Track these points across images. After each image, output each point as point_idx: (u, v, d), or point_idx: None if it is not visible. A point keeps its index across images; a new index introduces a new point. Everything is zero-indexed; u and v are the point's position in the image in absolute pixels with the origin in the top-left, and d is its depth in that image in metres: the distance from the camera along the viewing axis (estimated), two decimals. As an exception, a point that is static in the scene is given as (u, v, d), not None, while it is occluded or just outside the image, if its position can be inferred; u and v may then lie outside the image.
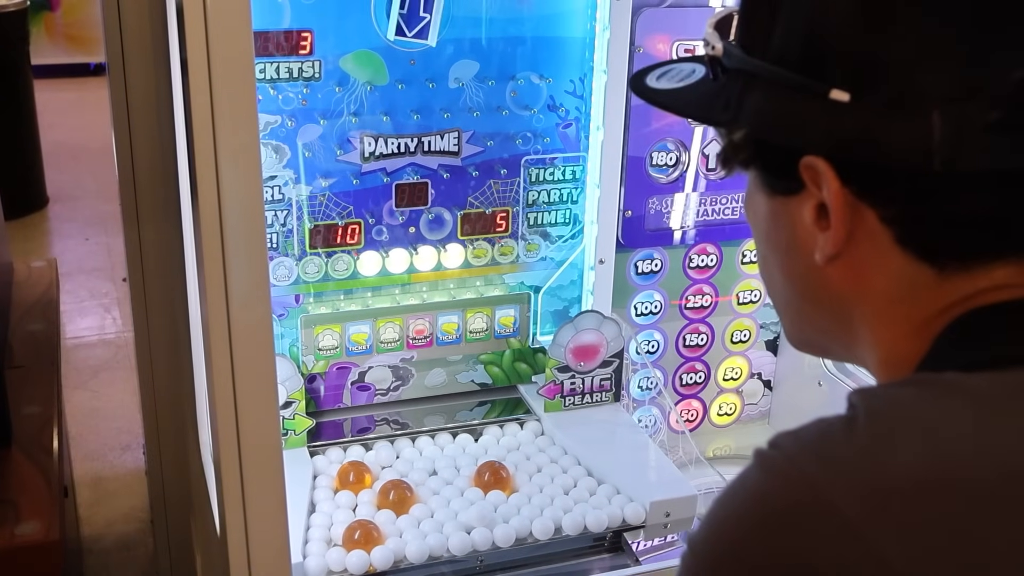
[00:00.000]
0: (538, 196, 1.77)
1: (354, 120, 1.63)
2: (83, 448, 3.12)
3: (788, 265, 0.75)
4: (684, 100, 0.76)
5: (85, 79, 6.88)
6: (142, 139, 1.73)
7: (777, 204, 0.73)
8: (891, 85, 0.63)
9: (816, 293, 0.74)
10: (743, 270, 1.97)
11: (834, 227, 0.68)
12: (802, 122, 0.66)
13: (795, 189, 0.70)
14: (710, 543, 0.64)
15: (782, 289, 0.78)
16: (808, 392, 1.98)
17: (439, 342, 1.77)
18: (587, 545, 1.57)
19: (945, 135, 0.62)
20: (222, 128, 1.15)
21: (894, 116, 0.63)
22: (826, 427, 0.64)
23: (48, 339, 2.33)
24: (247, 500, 1.23)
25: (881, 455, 0.60)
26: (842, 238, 0.68)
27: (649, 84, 0.79)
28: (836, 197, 0.67)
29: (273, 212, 1.63)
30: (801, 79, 0.66)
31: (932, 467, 0.59)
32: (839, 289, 0.72)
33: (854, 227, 0.68)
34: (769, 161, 0.72)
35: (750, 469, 0.64)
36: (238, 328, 1.19)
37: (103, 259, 4.49)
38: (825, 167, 0.67)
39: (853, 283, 0.71)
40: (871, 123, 0.64)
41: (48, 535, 1.67)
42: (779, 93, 0.68)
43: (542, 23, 1.68)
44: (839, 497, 0.59)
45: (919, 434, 0.61)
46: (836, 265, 0.70)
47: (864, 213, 0.67)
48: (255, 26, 1.51)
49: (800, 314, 0.78)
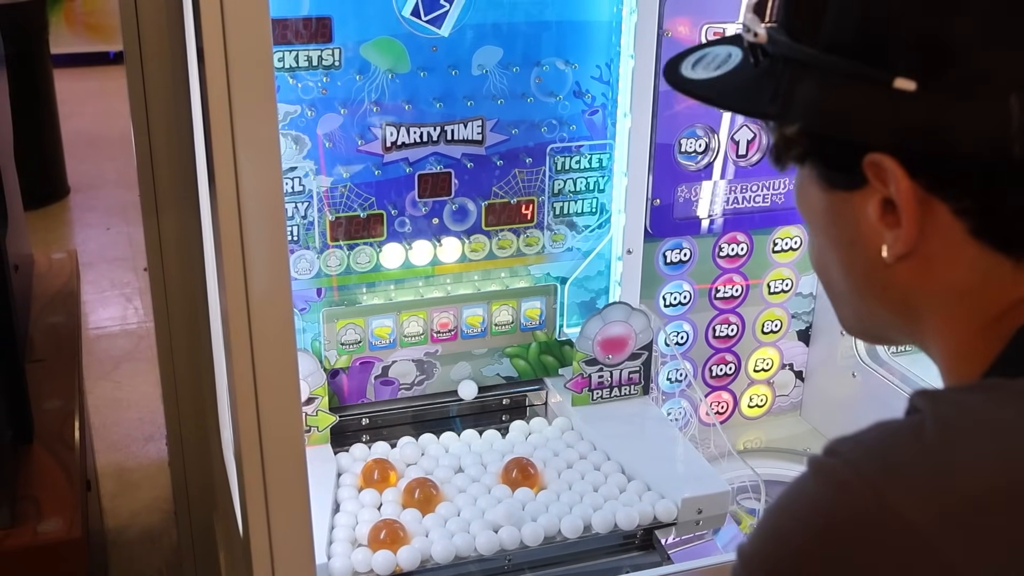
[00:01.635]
0: (564, 185, 1.73)
1: (375, 109, 1.59)
2: (106, 439, 3.11)
3: (850, 260, 0.71)
4: (725, 90, 0.71)
5: (105, 68, 6.87)
6: (160, 128, 1.71)
7: (836, 199, 0.69)
8: (961, 70, 0.59)
9: (881, 289, 0.70)
10: (774, 259, 1.92)
11: (905, 226, 0.64)
12: (865, 115, 0.62)
13: (857, 184, 0.66)
14: (767, 556, 0.61)
15: (842, 284, 0.74)
16: (841, 383, 1.94)
17: (464, 335, 1.74)
18: (617, 543, 1.53)
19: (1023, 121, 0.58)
20: (240, 119, 1.11)
21: (967, 103, 0.59)
22: (889, 432, 0.61)
23: (69, 331, 2.31)
24: (270, 500, 1.20)
25: (950, 463, 0.58)
26: (914, 236, 0.65)
27: (684, 74, 0.74)
28: (907, 195, 0.63)
29: (293, 204, 1.60)
30: (861, 67, 0.62)
31: (1003, 476, 0.57)
32: (907, 284, 0.68)
33: (925, 222, 0.64)
34: (827, 156, 0.68)
35: (806, 478, 0.61)
36: (258, 324, 1.16)
37: (124, 248, 4.49)
38: (893, 164, 0.63)
39: (922, 278, 0.67)
40: (942, 113, 0.59)
41: (71, 532, 1.65)
42: (835, 83, 0.63)
43: (567, 7, 1.64)
44: (907, 506, 0.56)
45: (989, 442, 0.58)
46: (905, 261, 0.67)
47: (935, 207, 0.63)
48: (273, 13, 1.48)
49: (861, 308, 0.75)
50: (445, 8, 1.56)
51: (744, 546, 0.63)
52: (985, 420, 0.60)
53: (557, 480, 1.58)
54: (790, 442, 1.99)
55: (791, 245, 1.91)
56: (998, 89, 0.58)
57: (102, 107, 6.08)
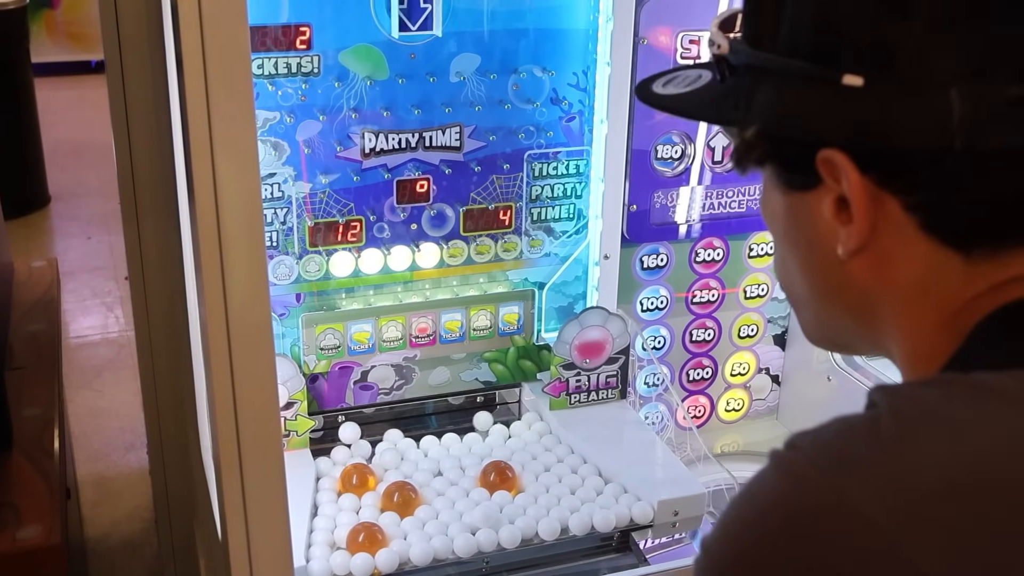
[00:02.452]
0: (541, 191, 1.75)
1: (354, 116, 1.60)
2: (87, 448, 3.10)
3: (809, 262, 0.73)
4: (692, 103, 0.74)
5: (86, 77, 6.85)
6: (141, 137, 1.72)
7: (794, 200, 0.71)
8: (905, 66, 0.61)
9: (839, 289, 0.72)
10: (750, 264, 1.94)
11: (857, 220, 0.66)
12: (816, 112, 0.64)
13: (812, 184, 0.68)
14: (727, 548, 0.62)
15: (802, 288, 0.76)
16: (817, 387, 1.96)
17: (442, 340, 1.75)
18: (594, 545, 1.55)
19: (965, 112, 0.59)
20: (218, 125, 1.12)
21: (910, 97, 0.61)
22: (847, 427, 0.62)
23: (49, 339, 2.31)
24: (248, 504, 1.21)
25: (907, 456, 0.58)
26: (866, 231, 0.66)
27: (655, 91, 0.77)
28: (857, 189, 0.65)
29: (273, 210, 1.61)
30: (812, 67, 0.64)
31: (960, 468, 0.58)
32: (863, 283, 0.69)
33: (877, 218, 0.66)
34: (784, 156, 0.70)
35: (767, 471, 0.62)
36: (237, 330, 1.16)
37: (106, 257, 4.47)
38: (843, 159, 0.64)
39: (878, 276, 0.68)
40: (887, 107, 0.61)
41: (50, 539, 1.65)
42: (790, 85, 0.66)
43: (544, 15, 1.66)
44: (864, 500, 0.57)
45: (946, 435, 0.59)
46: (859, 258, 0.68)
47: (886, 202, 0.65)
48: (252, 20, 1.49)
49: (821, 312, 0.76)
50: (428, 9, 1.57)
51: (707, 538, 0.64)
52: (940, 414, 0.61)
53: (535, 483, 1.59)
54: (767, 445, 1.97)
55: (767, 250, 1.94)
56: (940, 84, 0.60)
57: (83, 116, 6.06)
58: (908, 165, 0.63)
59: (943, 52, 0.60)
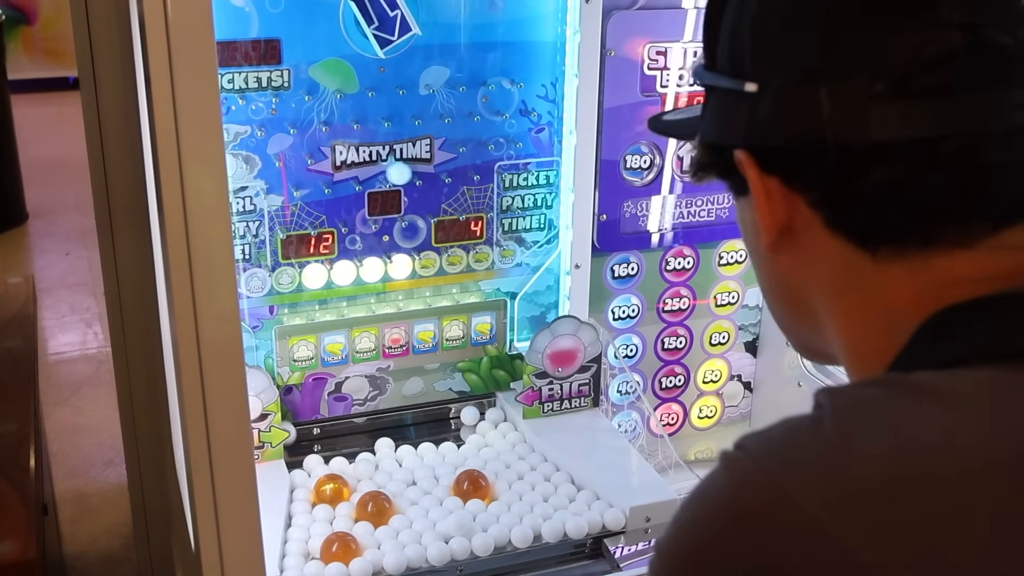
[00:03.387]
0: (512, 202, 1.76)
1: (325, 129, 1.62)
2: (65, 464, 3.09)
3: (755, 263, 0.79)
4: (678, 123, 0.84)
5: (64, 93, 6.85)
6: (115, 153, 1.72)
7: (741, 204, 0.76)
8: (784, 69, 0.67)
9: (780, 289, 0.77)
10: (720, 272, 1.96)
11: (760, 214, 0.71)
12: (729, 119, 0.71)
13: (744, 188, 0.72)
14: (678, 547, 0.64)
15: (766, 295, 0.81)
16: (788, 393, 1.98)
17: (415, 351, 1.76)
18: (568, 552, 1.56)
19: (832, 108, 0.65)
20: (187, 140, 1.13)
21: (790, 98, 0.67)
22: (792, 427, 0.64)
23: (25, 356, 2.31)
24: (220, 515, 1.22)
25: (847, 454, 0.60)
26: (770, 225, 0.71)
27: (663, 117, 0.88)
28: (755, 184, 0.70)
29: (245, 223, 1.62)
30: (730, 81, 0.71)
31: (898, 465, 0.59)
32: (794, 282, 0.74)
33: (792, 217, 0.70)
34: (719, 164, 0.75)
35: (716, 471, 0.64)
36: (207, 344, 1.17)
37: (84, 274, 4.47)
38: (744, 157, 0.70)
39: (803, 275, 0.73)
40: (773, 107, 0.67)
41: (25, 554, 1.65)
42: (719, 100, 0.73)
43: (512, 28, 1.68)
44: (805, 497, 0.58)
45: (885, 432, 0.61)
46: (785, 257, 0.73)
47: (796, 202, 0.69)
48: (223, 35, 1.51)
49: (777, 313, 0.81)
50: (397, 14, 1.59)
51: (660, 538, 0.66)
52: (881, 412, 0.62)
53: (508, 491, 1.61)
54: (741, 452, 2.02)
55: (737, 258, 1.96)
56: (812, 84, 0.66)
57: (61, 132, 6.06)
58: (798, 162, 0.68)
59: (811, 56, 0.66)
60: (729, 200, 1.90)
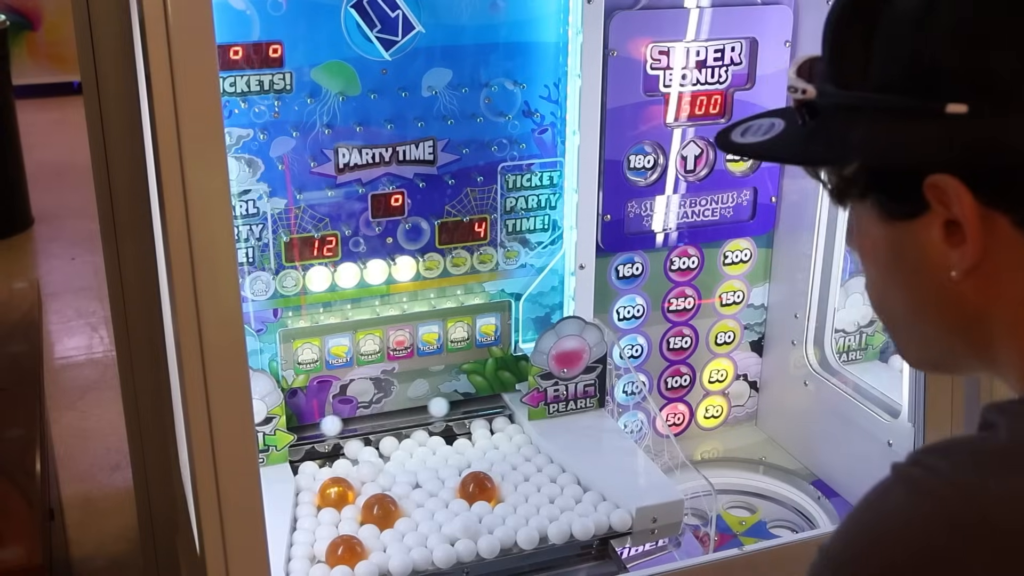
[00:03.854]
0: (516, 203, 1.76)
1: (327, 131, 1.62)
2: (72, 469, 3.09)
3: (915, 288, 0.75)
4: (779, 147, 0.77)
5: (69, 98, 6.84)
6: (118, 157, 1.72)
7: (899, 230, 0.73)
8: (1006, 90, 0.65)
9: (949, 311, 0.74)
10: (725, 271, 1.96)
11: (971, 240, 0.68)
12: (922, 142, 0.67)
13: (919, 211, 0.70)
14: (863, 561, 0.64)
15: (907, 314, 0.78)
16: (795, 392, 1.97)
17: (420, 352, 1.76)
18: (574, 553, 1.55)
19: None
20: (188, 144, 1.13)
21: (1016, 119, 0.64)
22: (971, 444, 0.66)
23: (30, 361, 2.31)
24: (224, 519, 1.22)
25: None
26: (980, 251, 0.68)
27: (736, 140, 0.81)
28: (971, 211, 0.67)
29: (248, 226, 1.62)
30: (912, 101, 0.67)
31: None
32: (975, 302, 0.71)
33: (987, 237, 0.68)
34: (888, 187, 0.72)
35: (897, 489, 0.65)
36: (211, 348, 1.17)
37: (90, 278, 4.47)
38: (953, 183, 0.67)
39: (990, 294, 0.71)
40: (995, 130, 0.65)
41: (31, 559, 1.65)
42: (888, 120, 0.68)
43: (514, 29, 1.67)
44: (997, 512, 0.60)
45: None
46: (971, 278, 0.70)
47: (996, 220, 0.67)
48: (225, 39, 1.51)
49: (928, 336, 0.78)
50: (398, 14, 1.58)
51: (829, 547, 0.66)
52: None
53: (514, 493, 1.60)
54: (747, 451, 2.02)
55: (741, 258, 1.95)
56: None
57: (66, 137, 6.05)
58: (1017, 181, 0.66)
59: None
60: (734, 198, 1.89)
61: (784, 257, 1.95)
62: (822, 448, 1.92)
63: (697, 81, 1.79)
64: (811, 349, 1.94)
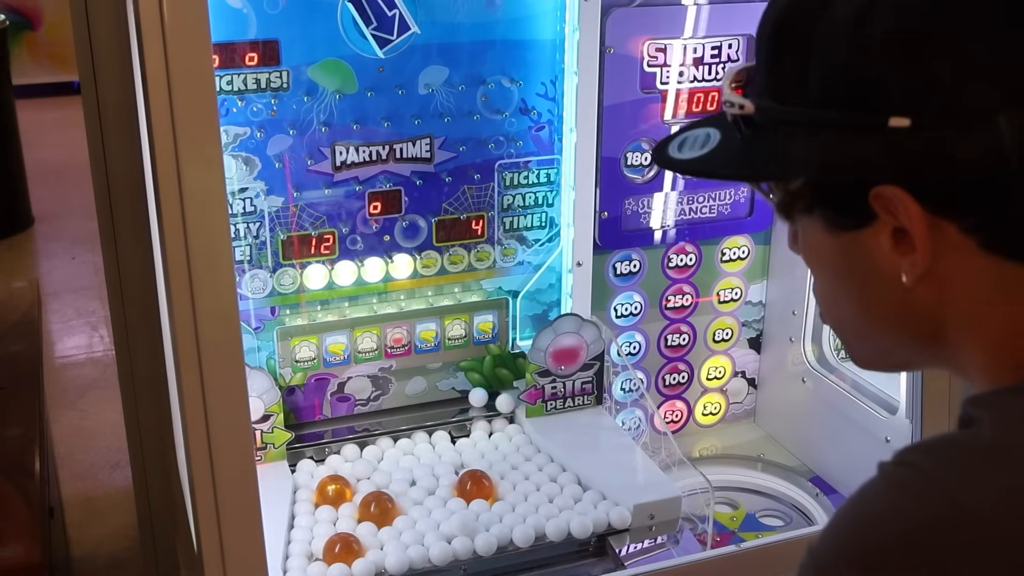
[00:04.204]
0: (513, 200, 1.76)
1: (324, 130, 1.62)
2: (72, 468, 3.10)
3: (867, 295, 0.75)
4: (719, 163, 0.76)
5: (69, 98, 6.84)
6: (116, 157, 1.73)
7: (846, 240, 0.73)
8: (948, 102, 0.65)
9: (903, 316, 0.74)
10: (723, 268, 1.96)
11: (920, 248, 0.68)
12: (867, 156, 0.66)
13: (866, 222, 0.70)
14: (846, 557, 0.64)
15: (859, 321, 0.78)
16: (793, 389, 1.97)
17: (418, 350, 1.76)
18: (572, 551, 1.55)
19: (1014, 136, 0.63)
20: (184, 143, 1.14)
21: (959, 130, 0.64)
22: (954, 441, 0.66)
23: (31, 359, 2.31)
24: (221, 517, 1.22)
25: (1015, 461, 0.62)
26: (928, 258, 0.69)
27: (673, 156, 0.80)
28: (918, 219, 0.67)
29: (245, 224, 1.62)
30: (853, 115, 0.67)
31: None
32: (929, 306, 0.72)
33: (936, 244, 0.68)
34: (834, 200, 0.72)
35: (882, 486, 0.66)
36: (207, 345, 1.18)
37: (90, 278, 4.48)
38: (900, 193, 0.67)
39: (942, 297, 0.71)
40: (938, 141, 0.64)
41: (30, 558, 1.65)
42: (830, 134, 0.68)
43: (511, 26, 1.67)
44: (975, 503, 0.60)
45: None
46: (922, 284, 0.71)
47: (944, 228, 0.68)
48: (222, 37, 1.51)
49: (884, 341, 0.78)
50: (395, 13, 1.58)
51: (816, 546, 0.66)
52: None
53: (511, 490, 1.60)
54: (745, 448, 2.02)
55: (739, 255, 1.95)
56: (986, 112, 0.64)
57: (67, 137, 6.05)
58: (963, 191, 0.66)
59: (982, 85, 0.64)
60: (731, 195, 1.89)
61: (782, 254, 1.95)
62: (820, 445, 1.92)
63: (694, 78, 1.79)
64: (809, 346, 1.94)
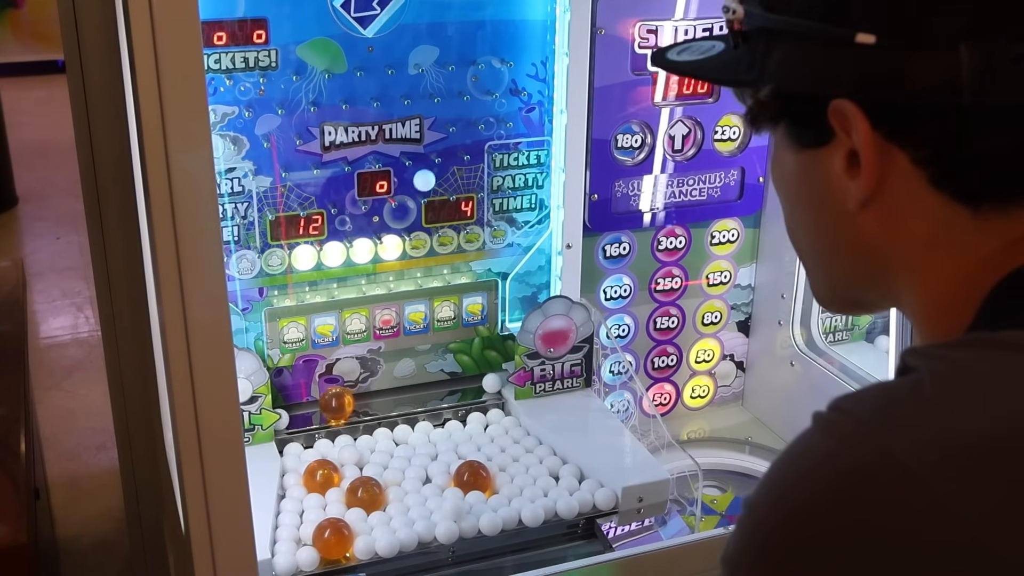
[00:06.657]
0: (503, 182, 1.75)
1: (313, 109, 1.60)
2: (58, 449, 3.09)
3: (820, 219, 0.76)
4: (708, 67, 0.79)
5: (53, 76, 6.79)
6: (102, 136, 1.71)
7: (806, 158, 0.74)
8: (915, 25, 0.64)
9: (850, 245, 0.74)
10: (712, 251, 1.96)
11: (865, 169, 0.68)
12: (828, 68, 0.67)
13: (824, 140, 0.70)
14: (774, 507, 0.64)
15: (813, 246, 0.79)
16: (781, 372, 1.98)
17: (406, 332, 1.76)
18: (560, 532, 1.56)
19: (973, 68, 0.63)
20: (172, 122, 1.12)
21: (921, 53, 0.64)
22: (890, 389, 0.65)
23: (15, 340, 2.30)
24: (209, 498, 1.21)
25: (950, 414, 0.61)
26: (874, 181, 0.69)
27: (671, 58, 0.81)
28: (866, 138, 0.67)
29: (233, 204, 1.61)
30: (826, 27, 0.67)
31: (1000, 426, 0.60)
32: (874, 237, 0.72)
33: (886, 172, 0.68)
34: (797, 113, 0.73)
35: (811, 433, 0.65)
36: (195, 326, 1.17)
37: (75, 258, 4.45)
38: (854, 110, 0.67)
39: (887, 229, 0.71)
40: (898, 62, 0.65)
41: (16, 538, 1.65)
42: (804, 44, 0.69)
43: (502, 6, 1.66)
44: (910, 456, 0.59)
45: (985, 394, 0.61)
46: (870, 212, 0.71)
47: (895, 156, 0.68)
48: (209, 15, 1.50)
49: (833, 270, 0.79)
50: (376, 12, 1.58)
51: (750, 497, 0.65)
52: (978, 373, 0.63)
53: (500, 473, 1.60)
54: (734, 431, 2.02)
55: (728, 238, 1.95)
56: (950, 42, 0.63)
57: (51, 116, 6.02)
58: (917, 118, 0.66)
59: (950, 12, 0.64)
60: (722, 178, 1.89)
61: (771, 237, 1.95)
62: (808, 428, 1.92)
63: (685, 60, 1.78)
64: (798, 329, 1.94)
